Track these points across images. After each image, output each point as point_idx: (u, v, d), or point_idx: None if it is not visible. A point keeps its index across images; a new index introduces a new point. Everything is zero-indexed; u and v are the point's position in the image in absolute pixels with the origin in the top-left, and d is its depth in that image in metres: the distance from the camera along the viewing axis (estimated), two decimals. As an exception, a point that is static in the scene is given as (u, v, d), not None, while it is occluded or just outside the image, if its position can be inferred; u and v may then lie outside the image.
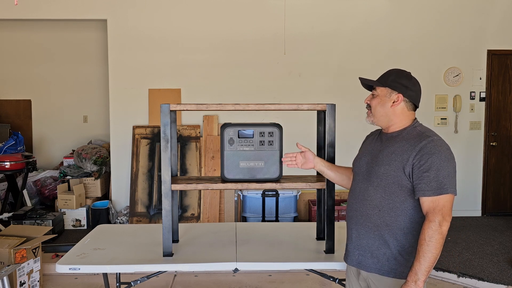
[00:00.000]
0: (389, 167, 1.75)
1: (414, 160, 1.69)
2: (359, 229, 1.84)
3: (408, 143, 1.74)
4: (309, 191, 5.37)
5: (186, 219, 5.10)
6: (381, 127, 1.91)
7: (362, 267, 1.84)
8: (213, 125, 5.38)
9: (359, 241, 1.84)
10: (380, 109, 1.84)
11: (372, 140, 1.97)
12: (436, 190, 1.65)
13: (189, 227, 2.87)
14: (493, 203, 5.68)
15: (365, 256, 1.82)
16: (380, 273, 1.78)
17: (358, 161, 1.95)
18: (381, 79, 1.87)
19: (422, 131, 1.78)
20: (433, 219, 1.64)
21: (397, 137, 1.81)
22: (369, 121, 1.91)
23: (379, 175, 1.77)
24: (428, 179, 1.66)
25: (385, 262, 1.77)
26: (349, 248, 1.92)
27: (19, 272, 3.29)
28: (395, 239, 1.75)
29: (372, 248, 1.80)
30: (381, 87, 1.85)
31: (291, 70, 5.44)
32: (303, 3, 5.39)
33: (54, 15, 5.37)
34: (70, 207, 5.10)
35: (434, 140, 1.71)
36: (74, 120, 6.71)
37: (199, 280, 3.88)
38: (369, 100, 1.90)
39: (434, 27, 5.49)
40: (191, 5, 5.37)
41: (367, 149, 1.93)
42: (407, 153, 1.72)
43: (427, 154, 1.68)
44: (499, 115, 5.62)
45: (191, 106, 2.28)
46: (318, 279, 3.80)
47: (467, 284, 3.74)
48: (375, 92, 1.88)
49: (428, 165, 1.66)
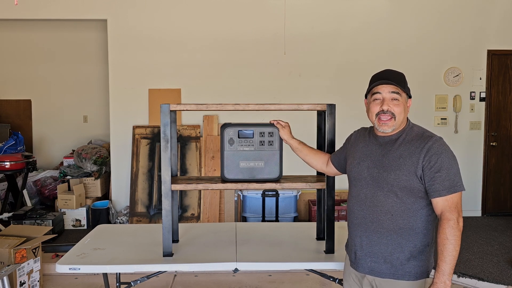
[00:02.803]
0: (400, 172, 1.72)
1: (424, 161, 1.69)
2: (370, 235, 1.80)
3: (413, 145, 1.73)
4: (309, 191, 5.37)
5: (186, 219, 5.10)
6: (387, 131, 1.79)
7: (375, 273, 1.80)
8: (213, 125, 5.38)
9: (371, 248, 1.80)
10: (403, 115, 1.78)
11: (364, 142, 1.90)
12: (450, 189, 1.67)
13: (189, 227, 2.87)
14: (493, 203, 5.68)
15: (378, 263, 1.79)
16: (394, 278, 1.76)
17: (357, 167, 1.86)
18: (403, 84, 1.80)
19: (420, 131, 1.79)
20: (451, 217, 1.65)
21: (397, 139, 1.79)
22: (389, 129, 1.77)
23: (390, 181, 1.74)
24: (441, 178, 1.67)
25: (399, 266, 1.76)
26: (359, 256, 1.85)
27: (19, 272, 3.29)
28: (408, 240, 1.75)
29: (385, 254, 1.77)
30: (403, 93, 1.79)
31: (291, 70, 5.44)
32: (303, 3, 5.39)
33: (54, 15, 5.36)
34: (70, 207, 5.09)
35: (438, 140, 1.73)
36: (74, 120, 6.71)
37: (199, 280, 3.88)
38: (391, 106, 1.76)
39: (434, 27, 5.49)
40: (191, 5, 5.37)
41: (364, 153, 1.86)
42: (415, 155, 1.71)
43: (435, 154, 1.68)
44: (499, 115, 5.62)
45: (191, 106, 2.28)
46: (318, 279, 3.80)
47: (467, 284, 3.74)
48: (399, 98, 1.77)
49: (438, 165, 1.67)
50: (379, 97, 1.79)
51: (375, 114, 1.80)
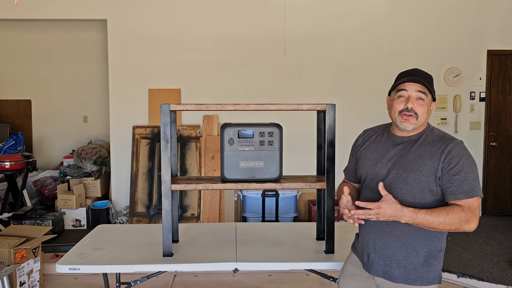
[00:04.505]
0: (420, 172, 1.69)
1: (444, 163, 1.67)
2: (384, 238, 1.77)
3: (434, 146, 1.71)
4: (309, 191, 5.37)
5: (186, 219, 5.10)
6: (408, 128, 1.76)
7: (388, 277, 1.77)
8: (213, 125, 5.38)
9: (385, 251, 1.77)
10: (426, 115, 1.76)
11: (378, 142, 1.86)
12: (468, 193, 1.64)
13: (189, 227, 2.87)
14: (493, 203, 5.68)
15: (391, 266, 1.76)
16: (407, 283, 1.74)
17: (373, 168, 1.81)
18: (431, 85, 1.77)
19: (441, 134, 1.77)
20: (467, 213, 1.62)
21: (417, 140, 1.76)
22: (410, 126, 1.73)
23: (409, 182, 1.70)
24: (459, 182, 1.65)
25: (412, 271, 1.74)
26: (372, 258, 1.81)
27: (19, 272, 3.29)
28: (422, 245, 1.73)
29: (399, 258, 1.75)
30: (429, 94, 1.76)
31: (291, 70, 5.44)
32: (303, 3, 5.39)
33: (54, 15, 5.36)
34: (70, 207, 5.09)
35: (459, 143, 1.71)
36: (74, 120, 6.71)
37: (199, 280, 3.88)
38: (415, 105, 1.73)
39: (434, 27, 5.49)
40: (191, 5, 5.37)
41: (379, 153, 1.82)
42: (436, 156, 1.69)
43: (456, 157, 1.67)
44: (499, 115, 5.62)
45: (191, 106, 2.28)
46: (318, 279, 3.80)
47: (467, 284, 3.74)
48: (424, 98, 1.74)
49: (458, 168, 1.65)
50: (405, 94, 1.75)
51: (398, 112, 1.75)
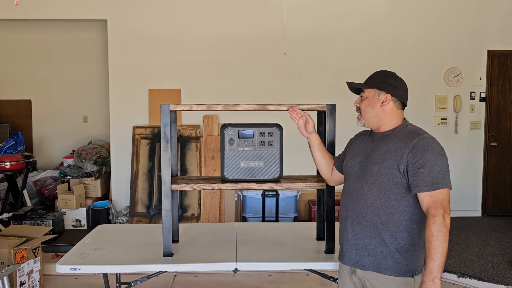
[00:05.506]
0: (383, 165, 1.77)
1: (408, 157, 1.72)
2: (355, 228, 1.85)
3: (401, 141, 1.78)
4: (309, 191, 5.37)
5: (186, 219, 5.10)
6: (372, 128, 1.93)
7: (359, 266, 1.85)
8: (213, 125, 5.38)
9: (356, 240, 1.85)
10: (370, 110, 1.88)
11: (362, 140, 1.98)
12: (432, 185, 1.68)
13: (189, 227, 2.87)
14: (493, 203, 5.68)
15: (362, 255, 1.83)
16: (377, 271, 1.80)
17: (350, 161, 1.94)
18: (368, 81, 1.91)
19: (413, 130, 1.82)
20: (436, 214, 1.66)
21: (389, 136, 1.84)
22: (360, 124, 1.94)
23: (374, 174, 1.79)
24: (424, 175, 1.69)
25: (382, 260, 1.79)
26: (345, 248, 1.91)
27: (19, 272, 3.29)
28: (391, 236, 1.77)
29: (369, 246, 1.81)
30: (369, 89, 1.89)
31: (291, 70, 5.44)
32: (303, 3, 5.39)
33: (54, 15, 5.36)
34: (70, 207, 5.09)
35: (426, 137, 1.76)
36: (74, 120, 6.71)
37: (199, 280, 3.88)
38: (358, 103, 1.94)
39: (434, 27, 5.49)
40: (191, 5, 5.37)
41: (359, 149, 1.94)
42: (400, 151, 1.75)
43: (420, 151, 1.71)
44: (499, 115, 5.62)
45: (191, 106, 2.28)
46: (318, 279, 3.80)
47: (467, 284, 3.74)
48: (363, 95, 1.91)
49: (422, 161, 1.70)
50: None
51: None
